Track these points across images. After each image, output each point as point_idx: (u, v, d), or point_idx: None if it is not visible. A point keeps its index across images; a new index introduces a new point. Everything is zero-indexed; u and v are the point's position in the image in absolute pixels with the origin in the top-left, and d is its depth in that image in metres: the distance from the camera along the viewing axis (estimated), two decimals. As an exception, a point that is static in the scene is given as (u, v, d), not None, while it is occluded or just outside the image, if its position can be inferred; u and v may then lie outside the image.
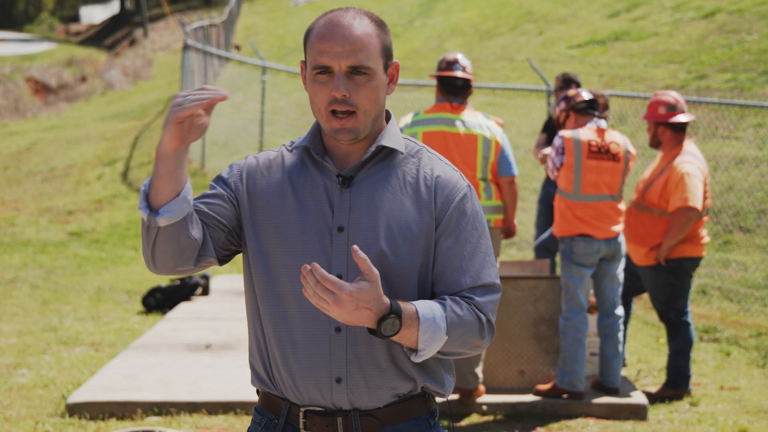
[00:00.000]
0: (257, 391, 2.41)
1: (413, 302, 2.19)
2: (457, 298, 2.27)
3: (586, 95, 6.30)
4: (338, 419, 2.28)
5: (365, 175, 2.30)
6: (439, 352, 2.24)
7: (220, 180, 2.36)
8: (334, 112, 2.24)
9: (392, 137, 2.33)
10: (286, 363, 2.28)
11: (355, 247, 2.09)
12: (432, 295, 2.31)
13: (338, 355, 2.25)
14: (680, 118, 6.41)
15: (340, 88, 2.21)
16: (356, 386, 2.26)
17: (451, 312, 2.22)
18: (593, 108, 6.29)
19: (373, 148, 2.29)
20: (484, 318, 2.27)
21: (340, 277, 2.24)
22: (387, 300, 2.14)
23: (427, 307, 2.19)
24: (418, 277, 2.27)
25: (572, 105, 6.32)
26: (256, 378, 2.37)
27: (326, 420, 2.28)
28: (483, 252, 2.32)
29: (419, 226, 2.27)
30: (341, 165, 2.32)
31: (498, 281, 2.33)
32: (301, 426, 2.30)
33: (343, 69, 2.22)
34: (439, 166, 2.34)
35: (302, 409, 2.30)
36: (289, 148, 2.39)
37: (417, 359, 2.22)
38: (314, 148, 2.32)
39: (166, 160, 2.13)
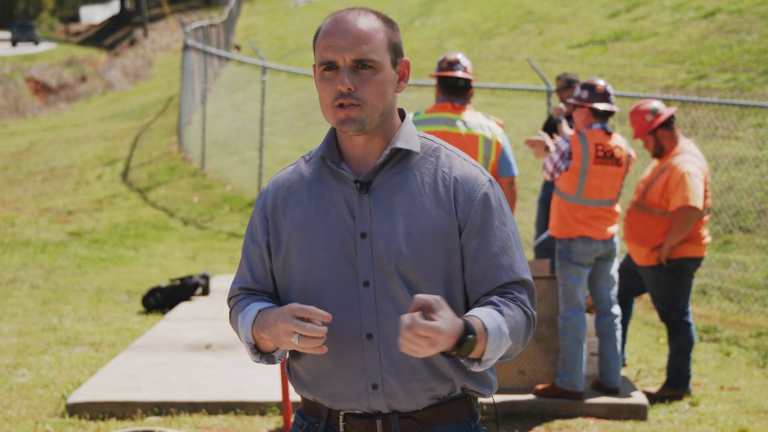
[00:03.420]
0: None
1: (473, 313, 2.17)
2: (504, 299, 2.25)
3: (606, 106, 6.18)
4: (377, 422, 2.28)
5: (383, 179, 2.28)
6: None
7: (253, 226, 2.39)
8: (341, 105, 2.22)
9: (407, 138, 2.30)
10: (322, 373, 2.28)
11: (405, 317, 2.04)
12: (466, 298, 2.29)
13: (372, 361, 2.24)
14: (668, 112, 6.42)
15: (344, 82, 2.19)
16: (393, 391, 2.25)
17: (508, 316, 2.21)
18: (605, 119, 6.24)
19: (387, 151, 2.27)
20: (530, 312, 2.27)
21: (366, 284, 2.24)
22: (459, 320, 2.11)
23: (489, 317, 2.17)
24: (444, 280, 2.25)
25: (592, 105, 6.19)
26: (297, 384, 2.37)
27: (366, 423, 2.28)
28: (514, 246, 2.30)
29: (440, 226, 2.24)
30: (358, 170, 2.30)
31: (530, 277, 2.31)
32: (341, 429, 2.30)
33: (347, 63, 2.20)
34: (457, 164, 2.31)
35: (342, 413, 2.30)
36: (307, 158, 2.38)
37: (478, 368, 2.20)
38: (329, 156, 2.30)
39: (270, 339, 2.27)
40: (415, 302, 2.05)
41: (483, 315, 2.16)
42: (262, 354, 2.31)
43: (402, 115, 2.35)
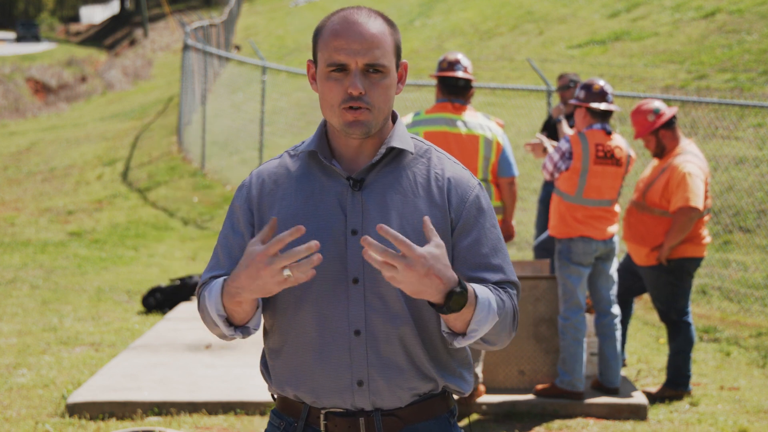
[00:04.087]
0: (273, 396, 2.38)
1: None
2: (496, 286, 2.27)
3: (604, 105, 6.18)
4: (360, 420, 2.27)
5: (376, 177, 2.28)
6: (480, 339, 2.22)
7: (234, 217, 2.34)
8: (350, 108, 2.22)
9: (401, 138, 2.31)
10: (306, 368, 2.27)
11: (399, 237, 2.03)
12: None
13: (359, 357, 2.23)
14: (670, 112, 6.42)
15: (357, 86, 2.19)
16: (378, 388, 2.24)
17: (498, 296, 2.23)
18: (605, 118, 6.22)
19: (383, 150, 2.27)
20: (515, 307, 2.29)
21: (356, 281, 2.23)
22: (455, 274, 2.10)
23: (480, 288, 2.18)
24: None
25: (589, 105, 6.18)
26: (275, 381, 2.34)
27: (348, 421, 2.27)
28: (502, 249, 2.32)
29: (434, 226, 2.24)
30: (349, 168, 2.30)
31: (517, 279, 2.33)
32: (323, 428, 2.28)
33: (359, 66, 2.20)
34: (449, 166, 2.33)
35: (323, 411, 2.28)
36: (293, 153, 2.36)
37: (462, 343, 2.19)
38: (321, 152, 2.30)
39: (252, 298, 2.17)
40: (425, 223, 2.08)
41: (475, 285, 2.18)
42: (236, 327, 2.25)
43: (393, 117, 2.36)
